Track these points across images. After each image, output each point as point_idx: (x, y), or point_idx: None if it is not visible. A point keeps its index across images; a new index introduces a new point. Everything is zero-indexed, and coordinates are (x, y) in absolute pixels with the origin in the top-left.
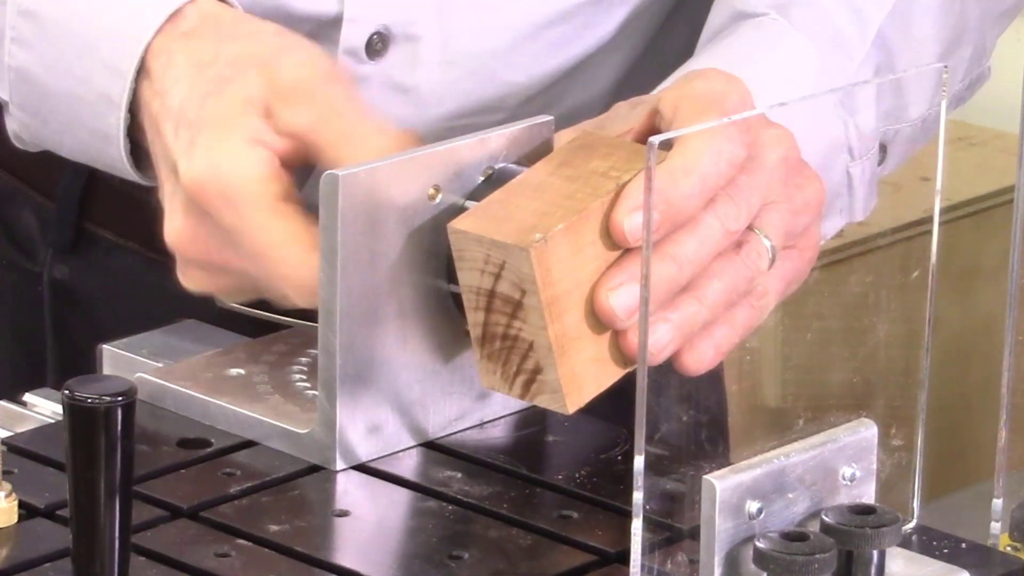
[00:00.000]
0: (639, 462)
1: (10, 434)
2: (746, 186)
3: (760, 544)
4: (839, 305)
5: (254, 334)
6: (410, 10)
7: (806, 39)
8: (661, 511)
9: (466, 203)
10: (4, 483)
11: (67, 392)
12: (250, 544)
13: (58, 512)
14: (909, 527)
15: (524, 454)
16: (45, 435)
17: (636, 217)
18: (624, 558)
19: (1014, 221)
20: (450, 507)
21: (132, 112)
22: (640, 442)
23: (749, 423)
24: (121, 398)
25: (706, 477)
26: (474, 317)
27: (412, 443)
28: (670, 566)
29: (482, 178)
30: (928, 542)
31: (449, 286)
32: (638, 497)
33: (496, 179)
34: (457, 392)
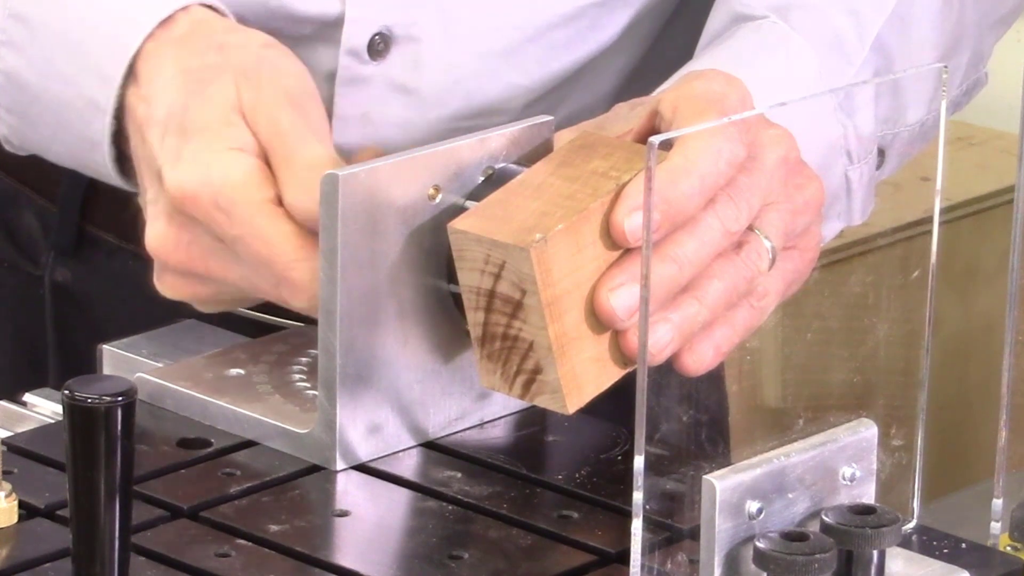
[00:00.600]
0: (639, 462)
1: (10, 434)
2: (746, 186)
3: (760, 544)
4: (839, 305)
5: (254, 334)
6: (412, 11)
7: (805, 42)
8: (661, 511)
9: (466, 203)
10: (4, 483)
11: (67, 392)
12: (250, 544)
13: (58, 512)
14: (909, 527)
15: (524, 454)
16: (45, 435)
17: (636, 217)
18: (624, 558)
19: (1014, 221)
20: (450, 507)
21: (117, 118)
22: (640, 442)
23: (749, 423)
24: (121, 398)
25: (706, 477)
26: (474, 317)
27: (412, 443)
28: (670, 566)
29: (482, 178)
30: (928, 542)
31: (449, 286)
32: (638, 497)
33: (496, 179)
34: (457, 392)
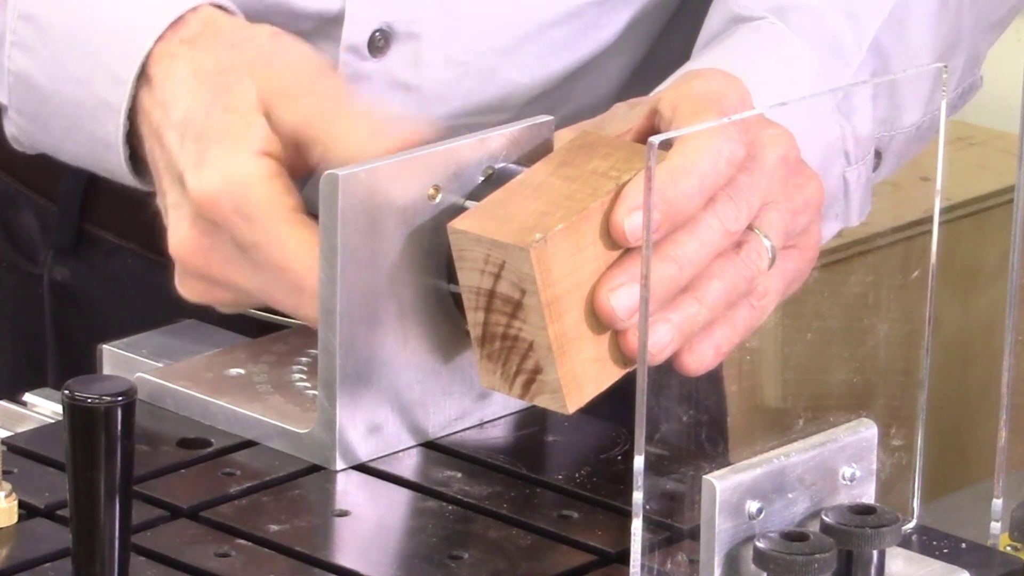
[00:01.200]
0: (639, 462)
1: (10, 434)
2: (746, 186)
3: (760, 544)
4: (839, 305)
5: (254, 334)
6: (412, 8)
7: (803, 43)
8: (661, 511)
9: (466, 203)
10: (4, 483)
11: (67, 392)
12: (250, 544)
13: (58, 512)
14: (909, 527)
15: (524, 454)
16: (45, 435)
17: (636, 217)
18: (624, 558)
19: (1014, 221)
20: (450, 507)
21: (130, 118)
22: (640, 442)
23: (749, 423)
24: (121, 398)
25: (706, 477)
26: (474, 317)
27: (412, 443)
28: (670, 566)
29: (482, 178)
30: (928, 542)
31: (449, 286)
32: (638, 497)
33: (496, 179)
34: (457, 392)
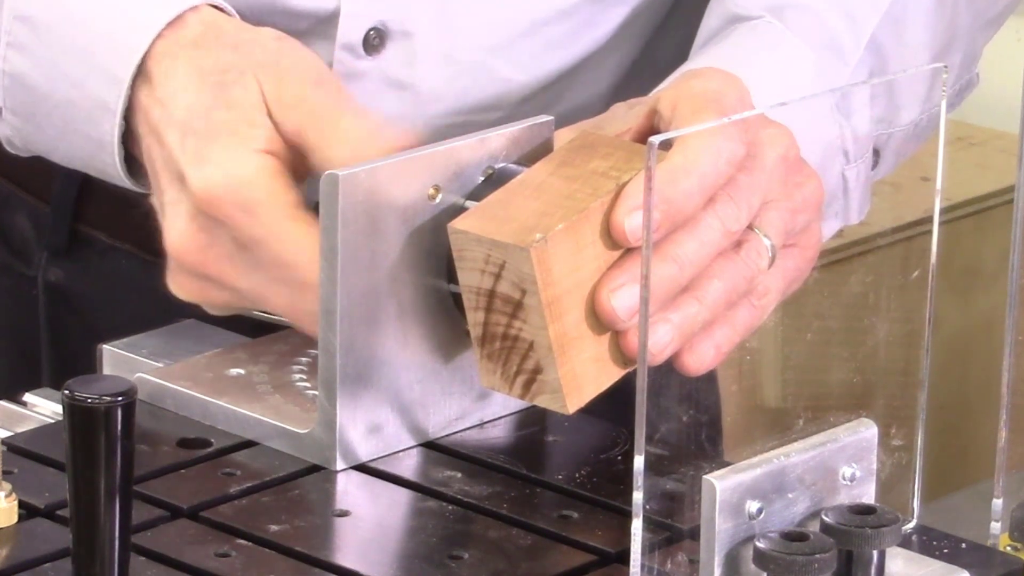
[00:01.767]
0: (639, 462)
1: (10, 434)
2: (746, 186)
3: (760, 544)
4: (839, 305)
5: (254, 334)
6: (407, 6)
7: (801, 43)
8: (661, 511)
9: (466, 203)
10: (4, 483)
11: (67, 392)
12: (250, 544)
13: (58, 512)
14: (909, 527)
15: (524, 454)
16: (45, 435)
17: (636, 216)
18: (624, 558)
19: (1014, 221)
20: (450, 507)
21: (126, 119)
22: (640, 442)
23: (749, 423)
24: (121, 398)
25: (706, 477)
26: (474, 317)
27: (412, 443)
28: (670, 566)
29: (482, 178)
30: (928, 542)
31: (449, 286)
32: (638, 497)
33: (496, 179)
34: (457, 392)
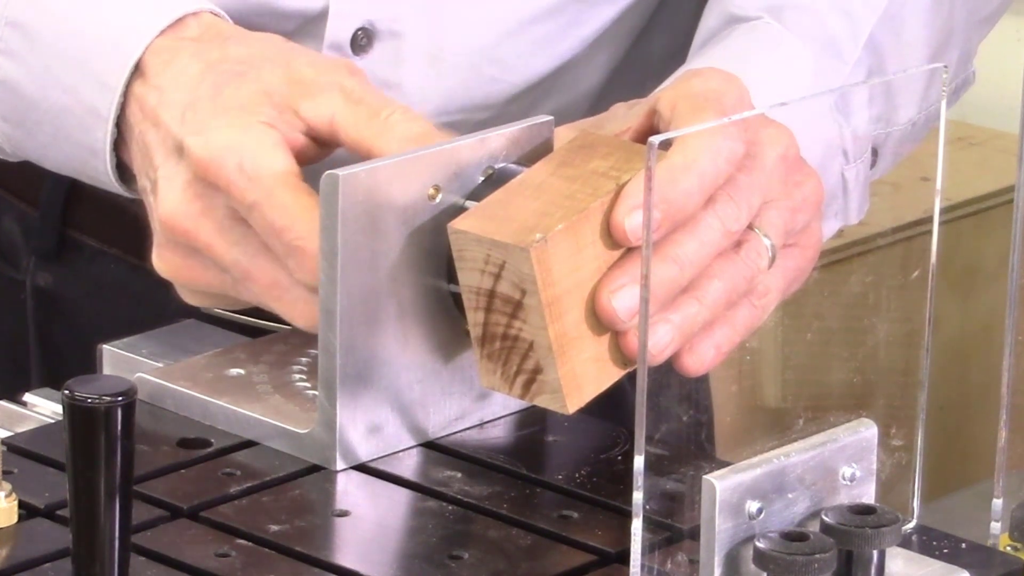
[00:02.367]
0: (639, 462)
1: (10, 434)
2: (746, 185)
3: (760, 544)
4: (839, 305)
5: (254, 334)
6: (395, 6)
7: (800, 42)
8: (661, 511)
9: (466, 203)
10: (4, 483)
11: (67, 392)
12: (250, 544)
13: (58, 512)
14: (909, 527)
15: (524, 454)
16: (45, 435)
17: (636, 216)
18: (624, 558)
19: (1014, 221)
20: (450, 507)
21: (117, 125)
22: (640, 442)
23: (749, 423)
24: (121, 398)
25: (706, 477)
26: (474, 317)
27: (412, 443)
28: (670, 566)
29: (482, 178)
30: (928, 542)
31: (449, 286)
32: (638, 497)
33: (496, 179)
34: (457, 392)
